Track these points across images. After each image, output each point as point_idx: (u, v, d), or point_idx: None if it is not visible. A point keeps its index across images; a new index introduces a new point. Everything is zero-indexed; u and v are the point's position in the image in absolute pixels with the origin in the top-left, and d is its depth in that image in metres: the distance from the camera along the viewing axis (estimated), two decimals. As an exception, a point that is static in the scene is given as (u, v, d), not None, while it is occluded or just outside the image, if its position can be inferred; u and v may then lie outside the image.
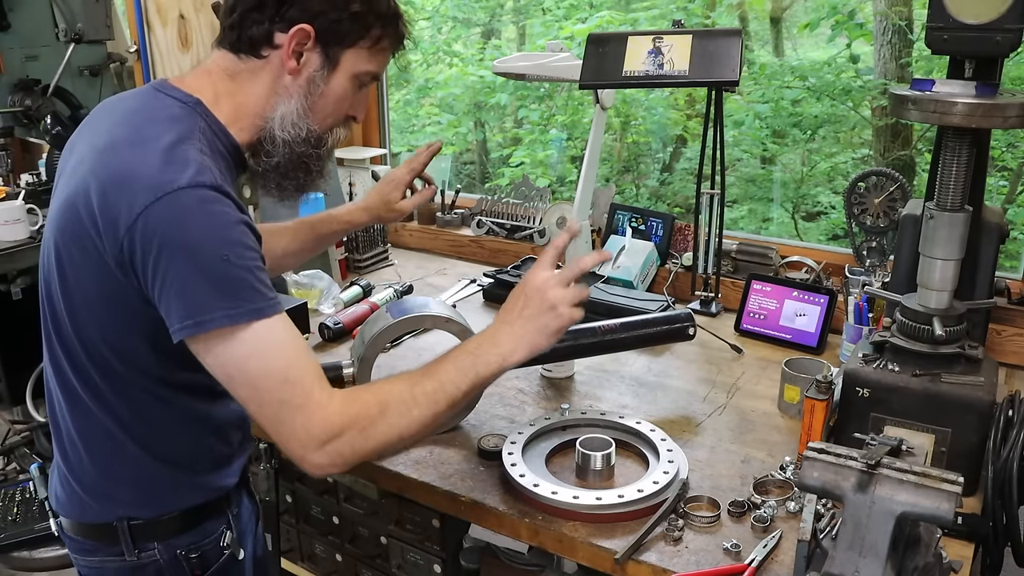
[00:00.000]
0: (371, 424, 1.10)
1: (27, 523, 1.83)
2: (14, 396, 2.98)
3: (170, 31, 3.01)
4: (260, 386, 1.06)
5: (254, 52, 1.15)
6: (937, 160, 1.37)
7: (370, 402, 1.11)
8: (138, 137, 1.08)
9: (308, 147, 1.20)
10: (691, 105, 4.55)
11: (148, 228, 1.01)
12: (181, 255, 1.02)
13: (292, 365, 1.07)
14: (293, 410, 1.06)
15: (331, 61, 1.17)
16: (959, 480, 0.97)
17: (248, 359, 1.05)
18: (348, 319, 1.99)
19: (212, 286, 1.03)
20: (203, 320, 1.03)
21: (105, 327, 1.12)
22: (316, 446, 1.07)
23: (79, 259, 1.09)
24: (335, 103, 1.20)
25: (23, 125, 2.93)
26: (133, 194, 1.02)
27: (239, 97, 1.17)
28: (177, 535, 1.23)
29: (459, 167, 5.31)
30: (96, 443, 1.19)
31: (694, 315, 1.74)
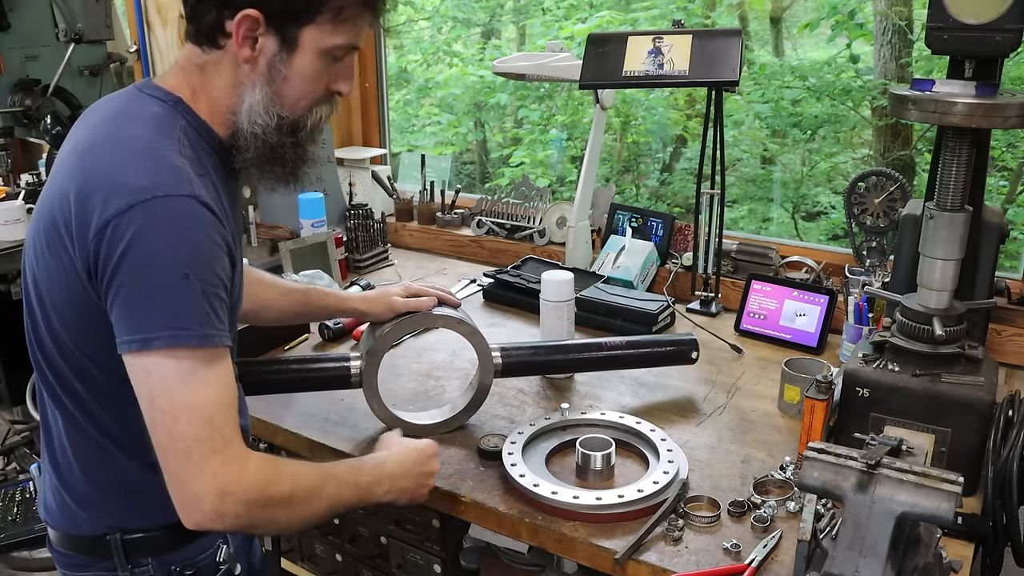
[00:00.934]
0: (279, 501, 1.07)
1: (27, 523, 1.83)
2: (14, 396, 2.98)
3: (170, 31, 3.01)
4: (181, 418, 1.00)
5: (212, 43, 1.09)
6: (937, 160, 1.37)
7: (283, 476, 1.08)
8: (118, 139, 1.05)
9: (281, 136, 1.13)
10: (691, 105, 4.55)
11: (116, 235, 0.98)
12: (141, 265, 0.98)
13: (221, 406, 1.02)
14: (208, 453, 1.01)
15: (288, 43, 1.08)
16: (959, 480, 0.97)
17: (179, 386, 1.00)
18: (348, 320, 1.99)
19: (166, 303, 0.99)
20: (152, 337, 0.99)
21: (79, 337, 1.09)
22: (214, 495, 1.01)
23: (53, 266, 1.07)
24: (304, 85, 1.12)
25: (23, 125, 2.93)
26: (107, 200, 0.99)
27: (210, 91, 1.12)
28: (171, 550, 1.19)
29: (459, 167, 5.31)
30: (84, 451, 1.16)
31: (694, 316, 1.74)
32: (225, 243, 1.05)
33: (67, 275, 1.05)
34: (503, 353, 1.56)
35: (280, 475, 1.08)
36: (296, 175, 1.20)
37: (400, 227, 2.71)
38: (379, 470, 1.24)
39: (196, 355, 1.01)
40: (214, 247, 1.03)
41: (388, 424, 1.55)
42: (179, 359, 1.00)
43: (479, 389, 1.56)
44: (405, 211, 2.72)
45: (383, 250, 2.52)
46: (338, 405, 1.64)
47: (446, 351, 1.90)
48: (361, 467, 1.23)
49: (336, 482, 1.16)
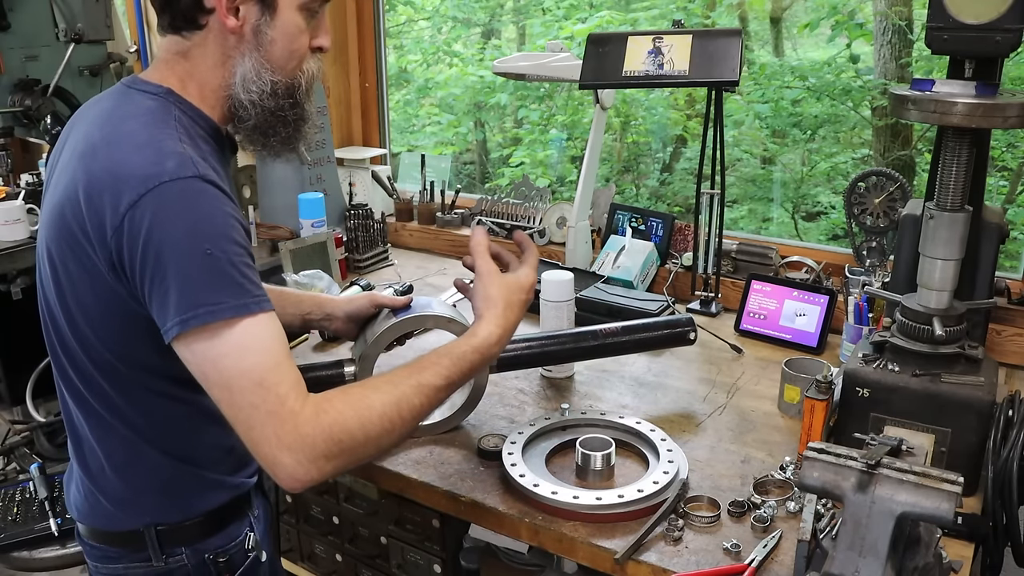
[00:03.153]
0: (350, 438, 1.05)
1: (27, 523, 1.82)
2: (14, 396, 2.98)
3: (170, 31, 3.01)
4: (234, 387, 1.02)
5: (193, 24, 1.11)
6: (937, 160, 1.37)
7: (347, 414, 1.06)
8: (116, 136, 1.06)
9: (278, 99, 1.15)
10: (691, 105, 4.55)
11: (133, 227, 1.00)
12: (165, 252, 1.00)
13: (269, 369, 1.03)
14: (264, 416, 1.01)
15: (268, 5, 1.11)
16: (959, 480, 0.97)
17: (224, 358, 1.01)
18: (348, 319, 1.98)
19: (194, 282, 1.00)
20: (187, 318, 1.00)
21: (107, 335, 1.10)
22: (291, 456, 1.01)
23: (74, 269, 1.08)
24: (291, 44, 1.14)
25: (23, 125, 2.93)
26: (116, 195, 1.01)
27: (199, 75, 1.13)
28: (204, 539, 1.22)
29: (459, 167, 5.31)
30: (116, 452, 1.18)
31: (694, 316, 1.74)
32: (237, 215, 1.07)
33: (91, 277, 1.06)
34: None
35: (342, 414, 1.05)
36: (299, 135, 1.22)
37: (400, 227, 2.71)
38: (486, 349, 1.22)
39: (232, 326, 1.01)
40: (228, 219, 1.04)
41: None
42: (219, 333, 1.01)
43: (475, 388, 1.56)
44: (405, 211, 2.72)
45: (383, 250, 2.52)
46: (338, 405, 1.64)
47: (446, 351, 1.90)
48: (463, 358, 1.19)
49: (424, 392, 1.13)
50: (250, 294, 1.03)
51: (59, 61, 2.86)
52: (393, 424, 1.09)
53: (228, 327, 1.01)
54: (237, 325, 1.01)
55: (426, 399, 1.14)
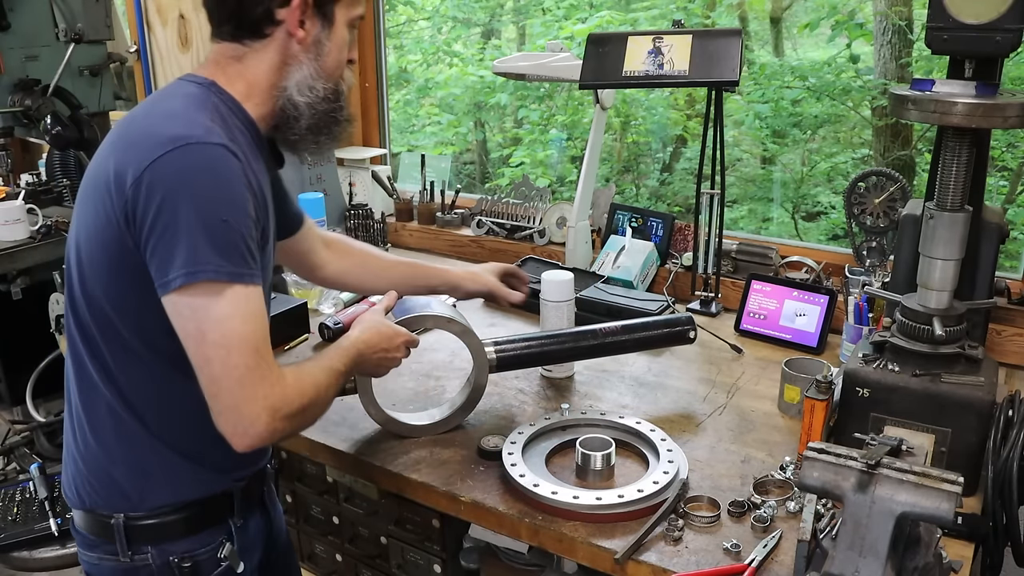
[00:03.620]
0: (308, 407, 1.18)
1: (27, 523, 1.83)
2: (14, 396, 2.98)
3: (170, 31, 3.02)
4: (233, 348, 1.08)
5: (257, 34, 1.20)
6: (937, 160, 1.37)
7: (307, 384, 1.19)
8: (153, 110, 1.17)
9: (329, 103, 1.26)
10: (691, 105, 4.55)
11: (155, 178, 1.06)
12: (183, 207, 1.05)
13: (262, 339, 1.11)
14: (257, 379, 1.09)
15: (328, 19, 1.22)
16: (959, 480, 0.97)
17: (229, 320, 1.07)
18: (348, 319, 1.99)
19: (208, 241, 1.06)
20: (195, 271, 1.05)
21: (108, 286, 1.15)
22: (269, 416, 1.10)
23: (91, 221, 1.14)
24: (339, 55, 1.26)
25: (23, 125, 2.93)
26: (144, 150, 1.07)
27: (249, 76, 1.22)
28: (172, 540, 1.23)
29: (459, 167, 5.31)
30: (99, 418, 1.22)
31: (694, 316, 1.74)
32: (253, 191, 1.14)
33: (104, 226, 1.12)
34: (496, 348, 1.56)
35: (305, 384, 1.18)
36: (344, 133, 1.33)
37: (400, 227, 2.71)
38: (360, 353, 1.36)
39: (237, 291, 1.08)
40: (245, 190, 1.11)
41: (384, 426, 1.55)
42: (223, 294, 1.07)
43: (475, 387, 1.56)
44: (405, 211, 2.72)
45: (383, 250, 2.52)
46: (337, 405, 1.62)
47: (446, 351, 1.90)
48: (348, 352, 1.34)
49: (335, 374, 1.28)
50: (249, 266, 1.10)
51: (59, 61, 2.86)
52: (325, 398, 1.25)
53: (230, 289, 1.07)
54: (239, 290, 1.08)
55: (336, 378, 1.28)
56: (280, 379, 1.13)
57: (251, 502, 1.34)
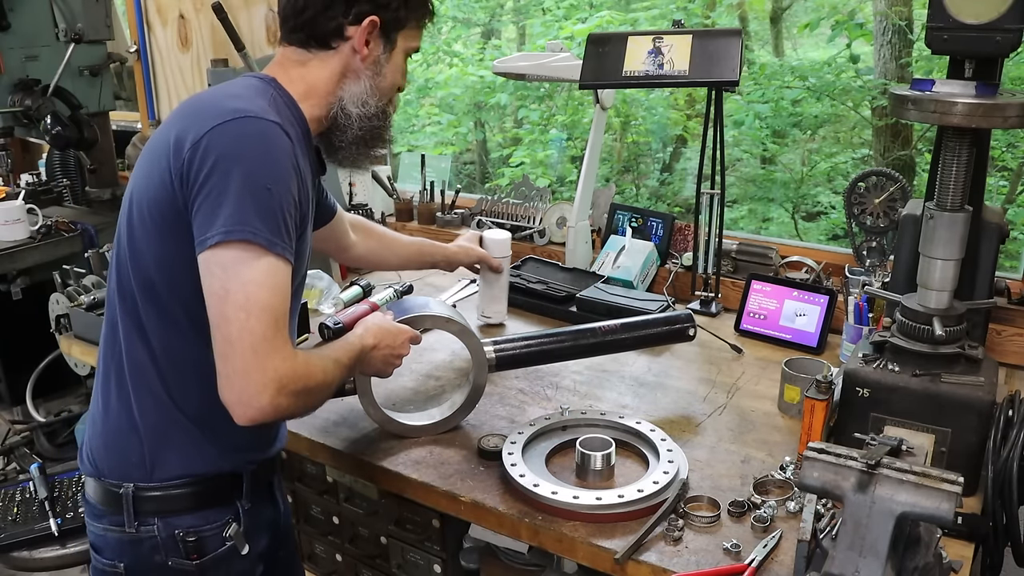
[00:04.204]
0: (314, 389, 1.20)
1: (27, 523, 1.83)
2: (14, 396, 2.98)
3: (170, 31, 3.02)
4: (253, 312, 1.10)
5: (324, 45, 1.28)
6: (937, 160, 1.37)
7: (317, 368, 1.22)
8: (217, 91, 1.25)
9: (378, 120, 1.34)
10: (691, 105, 4.56)
11: (211, 143, 1.13)
12: (233, 170, 1.11)
13: (285, 312, 1.15)
14: (271, 349, 1.11)
15: (391, 43, 1.32)
16: (959, 480, 0.97)
17: (255, 284, 1.11)
18: (348, 319, 1.97)
19: (251, 204, 1.11)
20: (232, 230, 1.10)
21: (155, 246, 1.19)
22: (275, 388, 1.11)
23: (146, 182, 1.20)
24: (394, 79, 1.35)
25: (23, 125, 2.93)
26: (204, 120, 1.15)
27: (310, 79, 1.29)
28: (179, 515, 1.26)
29: (459, 167, 5.31)
30: (125, 377, 1.25)
31: (694, 315, 1.73)
32: (300, 172, 1.20)
33: (158, 187, 1.17)
34: (495, 347, 1.56)
35: (312, 367, 1.21)
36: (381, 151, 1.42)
37: (400, 227, 2.70)
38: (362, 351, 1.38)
39: (268, 258, 1.12)
40: (292, 169, 1.17)
41: (384, 427, 1.55)
42: (255, 258, 1.11)
43: (475, 387, 1.56)
44: (405, 211, 2.72)
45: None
46: (338, 405, 1.64)
47: (446, 351, 1.90)
48: (351, 349, 1.36)
49: (337, 366, 1.29)
50: (282, 238, 1.14)
51: (59, 61, 2.86)
52: (329, 386, 1.26)
53: (262, 256, 1.12)
54: (271, 259, 1.13)
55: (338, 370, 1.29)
56: (292, 355, 1.15)
57: (260, 488, 1.37)
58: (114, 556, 1.28)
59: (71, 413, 3.03)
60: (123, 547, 1.27)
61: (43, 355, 2.89)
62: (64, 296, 2.19)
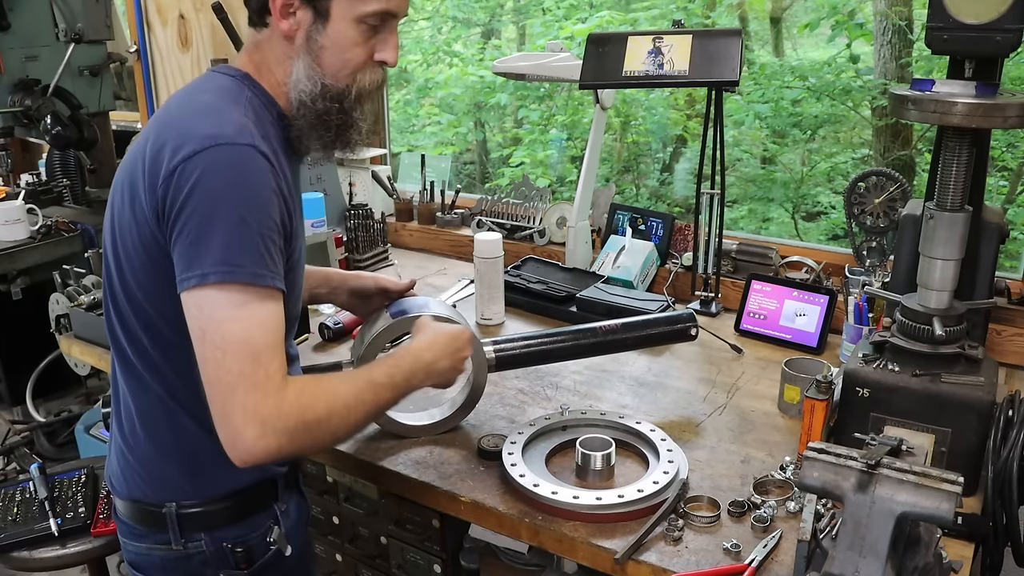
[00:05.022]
0: (318, 424, 1.11)
1: (27, 523, 1.82)
2: (14, 396, 2.98)
3: (170, 31, 3.01)
4: (229, 351, 1.06)
5: (262, 21, 1.20)
6: (937, 160, 1.37)
7: (319, 399, 1.13)
8: (188, 102, 1.17)
9: (325, 102, 1.20)
10: (691, 105, 4.56)
11: (183, 178, 1.06)
12: (203, 207, 1.06)
13: (267, 346, 1.08)
14: (250, 387, 1.06)
15: (321, 14, 1.16)
16: (959, 480, 0.97)
17: (229, 321, 1.06)
18: (348, 319, 1.99)
19: (225, 242, 1.05)
20: (207, 272, 1.05)
21: (148, 286, 1.15)
22: (257, 428, 1.06)
23: (128, 217, 1.14)
24: (342, 54, 1.18)
25: (23, 125, 2.93)
26: (176, 148, 1.08)
27: (269, 66, 1.21)
28: (224, 527, 1.25)
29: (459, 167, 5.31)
30: (149, 413, 1.22)
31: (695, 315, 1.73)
32: (283, 194, 1.13)
33: (139, 223, 1.12)
34: (495, 347, 1.56)
35: (316, 398, 1.12)
36: (344, 141, 1.26)
37: (400, 227, 2.71)
38: (415, 363, 1.31)
39: (247, 292, 1.07)
40: (270, 194, 1.10)
41: (382, 427, 1.55)
42: (231, 294, 1.06)
43: (474, 387, 1.56)
44: (405, 211, 2.72)
45: (383, 250, 2.52)
46: (338, 405, 1.64)
47: (446, 351, 1.90)
48: (398, 365, 1.28)
49: (373, 388, 1.21)
50: (268, 268, 1.08)
51: (59, 61, 2.86)
52: (349, 414, 1.17)
53: (241, 291, 1.06)
54: (250, 292, 1.07)
55: (375, 395, 1.22)
56: (278, 390, 1.07)
57: (291, 486, 1.37)
58: (161, 574, 1.27)
59: (71, 413, 3.03)
60: (170, 564, 1.25)
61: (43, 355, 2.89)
62: (64, 296, 2.19)
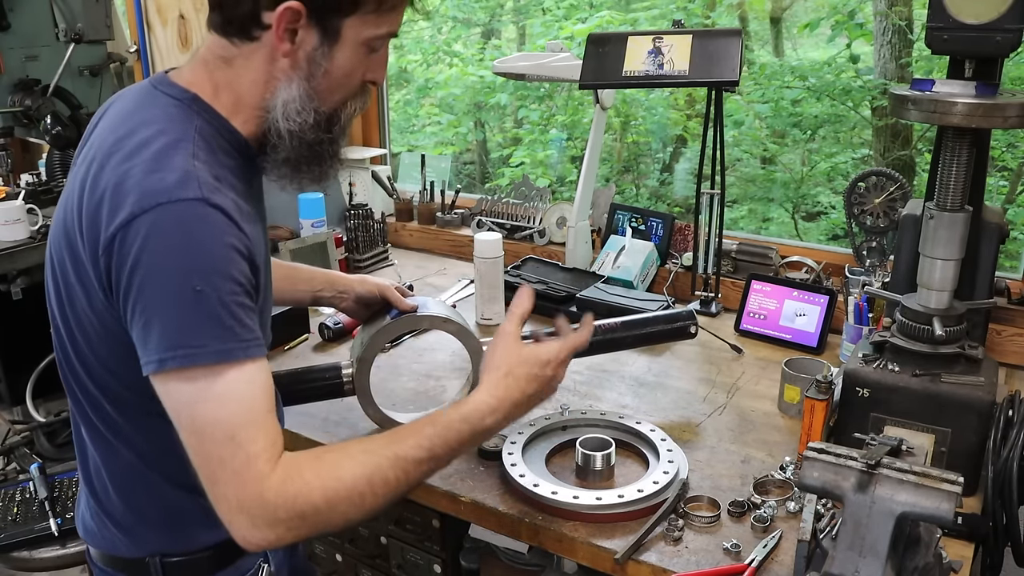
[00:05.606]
0: (313, 513, 0.97)
1: (27, 523, 1.82)
2: (14, 396, 2.98)
3: (170, 31, 3.01)
4: (205, 436, 0.94)
5: (245, 34, 1.02)
6: (937, 160, 1.37)
7: (313, 486, 0.97)
8: (127, 143, 0.99)
9: (319, 132, 1.07)
10: (691, 105, 4.55)
11: (124, 248, 0.93)
12: (151, 282, 0.93)
13: (245, 424, 0.95)
14: (230, 474, 0.94)
15: (330, 35, 1.02)
16: (959, 480, 0.97)
17: (199, 404, 0.94)
18: (348, 319, 1.99)
19: (178, 321, 0.93)
20: (165, 358, 0.93)
21: (108, 358, 1.05)
22: (246, 523, 0.95)
23: (75, 285, 1.03)
24: (342, 78, 1.06)
25: (23, 125, 2.93)
26: (112, 210, 0.94)
27: (236, 86, 1.05)
28: (211, 572, 1.17)
29: (459, 167, 5.31)
30: (120, 475, 1.13)
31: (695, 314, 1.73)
32: (243, 246, 0.98)
33: (88, 293, 1.01)
34: None
35: (308, 485, 0.97)
36: (329, 173, 1.13)
37: (400, 227, 2.71)
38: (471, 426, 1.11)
39: (214, 372, 0.94)
40: (228, 251, 0.96)
41: (383, 427, 1.55)
42: (195, 379, 0.94)
43: (475, 387, 1.55)
44: (405, 211, 2.72)
45: (383, 250, 2.52)
46: (337, 405, 1.64)
47: (446, 351, 1.90)
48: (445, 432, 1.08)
49: (402, 465, 1.03)
50: (238, 338, 0.95)
51: (59, 61, 2.86)
52: (363, 498, 1.00)
53: (208, 373, 0.94)
54: (218, 372, 0.94)
55: (403, 472, 1.03)
56: (259, 479, 0.94)
57: None
58: None
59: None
60: None
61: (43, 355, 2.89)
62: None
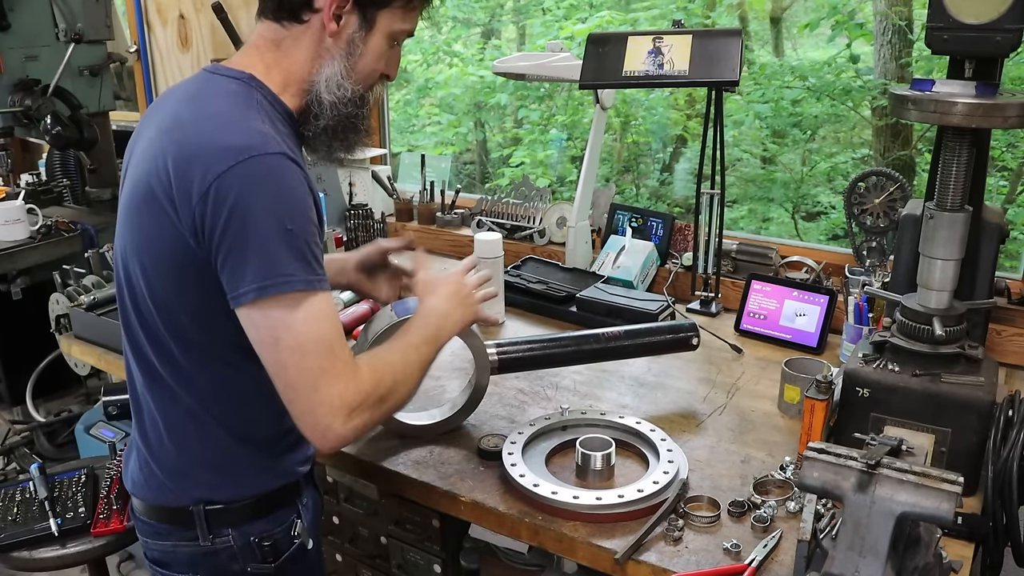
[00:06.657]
0: (388, 394, 1.19)
1: (27, 523, 1.82)
2: (14, 396, 2.98)
3: (170, 31, 3.02)
4: (307, 351, 1.10)
5: (295, 17, 1.19)
6: (937, 160, 1.37)
7: (385, 372, 1.20)
8: (203, 114, 1.14)
9: (353, 107, 1.24)
10: (691, 105, 4.55)
11: (220, 194, 1.06)
12: (249, 222, 1.07)
13: (337, 337, 1.13)
14: (332, 378, 1.11)
15: (368, 22, 1.20)
16: (959, 480, 0.97)
17: (303, 323, 1.09)
18: (348, 319, 1.99)
19: (277, 252, 1.08)
20: (265, 285, 1.07)
21: (184, 295, 1.15)
22: (345, 414, 1.12)
23: (156, 234, 1.14)
24: (373, 62, 1.24)
25: (23, 125, 2.93)
26: (206, 164, 1.07)
27: (285, 64, 1.21)
28: (251, 521, 1.26)
29: (459, 167, 5.31)
30: (177, 424, 1.23)
31: (694, 316, 1.73)
32: (314, 197, 1.15)
33: (172, 241, 1.12)
34: (499, 350, 1.56)
35: (381, 372, 1.19)
36: (360, 142, 1.31)
37: (400, 227, 2.71)
38: (437, 317, 1.37)
39: (306, 297, 1.10)
40: (306, 197, 1.13)
41: (384, 426, 1.55)
42: (294, 302, 1.09)
43: (476, 388, 1.56)
44: (405, 211, 2.72)
45: (383, 250, 2.52)
46: (338, 405, 1.64)
47: (446, 350, 1.89)
48: (424, 322, 1.35)
49: (415, 349, 1.29)
50: (315, 272, 1.11)
51: (59, 61, 2.86)
52: (408, 379, 1.25)
53: (302, 298, 1.09)
54: (309, 297, 1.10)
55: (418, 355, 1.29)
56: (355, 374, 1.14)
57: (309, 481, 1.38)
58: (187, 569, 1.28)
59: (71, 413, 3.03)
60: (197, 559, 1.26)
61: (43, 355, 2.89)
62: (64, 296, 2.19)
